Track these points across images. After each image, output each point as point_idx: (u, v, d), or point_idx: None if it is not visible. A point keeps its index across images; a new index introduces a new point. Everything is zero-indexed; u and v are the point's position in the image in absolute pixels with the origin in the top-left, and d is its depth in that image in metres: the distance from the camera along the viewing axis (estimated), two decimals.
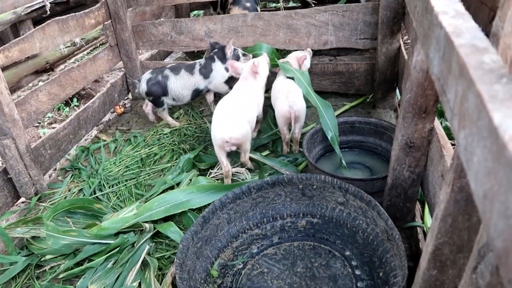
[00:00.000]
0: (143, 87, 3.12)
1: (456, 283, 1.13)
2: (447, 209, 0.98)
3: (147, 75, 3.15)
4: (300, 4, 4.85)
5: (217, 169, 2.64)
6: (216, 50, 3.15)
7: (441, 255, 1.07)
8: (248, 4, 3.88)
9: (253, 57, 3.04)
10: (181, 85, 3.10)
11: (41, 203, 2.59)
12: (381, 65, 2.97)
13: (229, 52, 3.05)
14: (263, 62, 2.77)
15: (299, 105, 2.51)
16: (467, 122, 0.59)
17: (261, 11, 4.01)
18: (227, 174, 2.47)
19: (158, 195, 2.44)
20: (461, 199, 0.95)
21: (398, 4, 2.67)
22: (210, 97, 3.30)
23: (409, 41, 2.44)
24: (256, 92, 2.68)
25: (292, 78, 2.66)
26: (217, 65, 3.11)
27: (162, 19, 4.38)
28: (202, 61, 3.17)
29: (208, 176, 2.60)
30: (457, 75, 0.65)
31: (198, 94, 3.19)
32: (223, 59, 3.09)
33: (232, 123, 2.38)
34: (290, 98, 2.50)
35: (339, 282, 1.75)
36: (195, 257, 1.80)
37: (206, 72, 3.11)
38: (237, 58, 3.10)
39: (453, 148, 1.39)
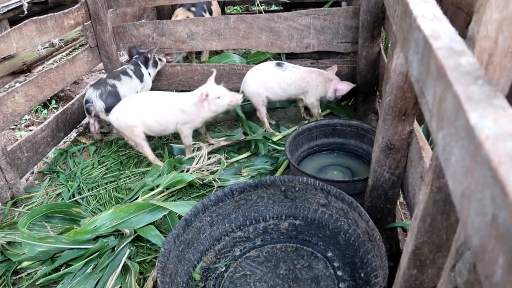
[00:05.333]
0: (99, 105, 2.87)
1: (435, 282, 1.15)
2: (426, 209, 1.00)
3: (93, 92, 2.91)
4: (282, 8, 4.88)
5: (195, 164, 2.67)
6: (137, 55, 3.28)
7: (420, 254, 1.09)
8: (193, 9, 4.01)
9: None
10: (128, 89, 3.08)
11: (16, 209, 2.51)
12: (362, 68, 3.02)
13: (151, 61, 3.31)
14: (218, 94, 2.57)
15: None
16: (445, 122, 0.60)
17: (243, 13, 4.03)
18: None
19: (137, 198, 2.42)
20: (440, 199, 0.97)
21: (378, 8, 2.71)
22: None
23: (389, 45, 2.49)
24: (183, 106, 2.63)
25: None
26: (143, 70, 3.26)
27: (143, 20, 4.34)
28: (131, 65, 3.22)
29: (186, 172, 2.60)
30: (435, 77, 0.66)
31: None
32: (145, 64, 3.28)
33: (118, 107, 2.70)
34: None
35: (321, 283, 1.76)
36: (177, 260, 1.78)
37: (139, 76, 3.21)
38: (155, 63, 3.38)
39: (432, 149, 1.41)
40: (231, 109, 2.72)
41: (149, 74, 3.33)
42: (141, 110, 2.65)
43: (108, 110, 2.86)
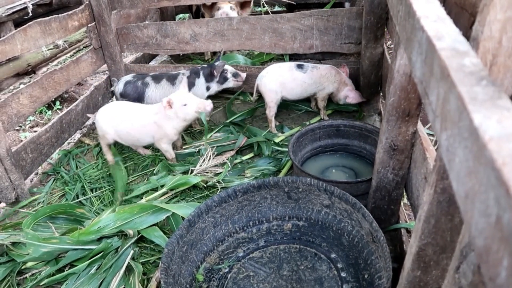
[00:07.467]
0: (119, 86, 3.13)
1: (439, 284, 1.14)
2: (430, 210, 1.00)
3: (128, 77, 3.17)
4: (285, 9, 4.88)
5: (199, 166, 2.67)
6: (205, 66, 3.13)
7: (424, 256, 1.09)
8: None
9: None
10: (161, 94, 3.05)
11: (20, 209, 2.52)
12: (365, 69, 3.01)
13: (217, 78, 3.08)
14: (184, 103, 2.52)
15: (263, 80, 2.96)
16: (449, 123, 0.60)
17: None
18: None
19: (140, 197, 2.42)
20: (444, 200, 0.96)
21: (381, 9, 2.71)
22: None
23: (392, 45, 2.48)
24: (155, 118, 2.59)
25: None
26: (201, 81, 3.10)
27: (147, 22, 4.35)
28: (187, 73, 3.12)
29: (190, 173, 2.61)
30: (438, 77, 0.66)
31: None
32: (209, 77, 3.09)
33: (100, 111, 2.80)
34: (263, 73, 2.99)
35: (325, 284, 1.76)
36: (180, 261, 1.78)
37: (188, 86, 3.00)
38: (224, 79, 3.13)
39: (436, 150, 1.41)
40: (199, 116, 2.57)
41: (208, 88, 3.11)
42: (116, 119, 2.68)
43: (122, 96, 3.11)
